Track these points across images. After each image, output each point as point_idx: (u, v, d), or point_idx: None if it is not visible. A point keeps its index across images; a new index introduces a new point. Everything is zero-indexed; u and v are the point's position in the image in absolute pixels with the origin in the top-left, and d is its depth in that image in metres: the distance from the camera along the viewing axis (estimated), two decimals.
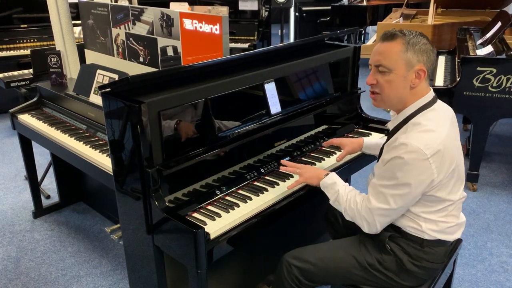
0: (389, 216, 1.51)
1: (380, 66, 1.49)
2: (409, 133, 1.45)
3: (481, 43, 3.55)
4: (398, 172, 1.42)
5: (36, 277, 2.47)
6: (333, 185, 1.65)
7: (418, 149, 1.38)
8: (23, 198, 3.26)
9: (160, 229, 1.58)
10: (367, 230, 1.55)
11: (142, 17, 2.53)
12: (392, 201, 1.46)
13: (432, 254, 1.57)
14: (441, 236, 1.56)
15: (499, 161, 3.79)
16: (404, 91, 1.50)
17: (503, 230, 2.83)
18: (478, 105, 3.02)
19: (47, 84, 2.77)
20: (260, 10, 5.30)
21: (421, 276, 1.59)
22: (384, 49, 1.48)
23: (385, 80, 1.49)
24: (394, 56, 1.46)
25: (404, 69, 1.46)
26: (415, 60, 1.45)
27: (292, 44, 2.44)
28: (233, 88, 1.81)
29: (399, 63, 1.46)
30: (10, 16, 4.62)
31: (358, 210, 1.55)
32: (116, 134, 1.60)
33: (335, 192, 1.63)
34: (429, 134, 1.42)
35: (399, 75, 1.47)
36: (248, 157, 1.85)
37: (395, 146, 1.44)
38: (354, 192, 1.61)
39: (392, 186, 1.45)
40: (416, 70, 1.46)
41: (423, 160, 1.39)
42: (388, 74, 1.48)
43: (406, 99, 1.52)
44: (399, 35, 1.46)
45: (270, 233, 2.20)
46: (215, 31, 2.15)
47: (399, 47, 1.45)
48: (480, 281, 2.39)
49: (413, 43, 1.45)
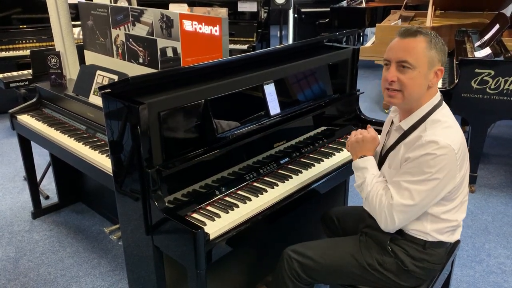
0: (410, 214, 1.49)
1: (405, 62, 1.45)
2: (433, 130, 1.46)
3: (479, 45, 3.56)
4: (426, 168, 1.41)
5: (35, 277, 2.47)
6: (363, 170, 1.62)
7: (447, 145, 1.40)
8: (22, 199, 3.26)
9: (160, 230, 1.58)
10: (384, 226, 1.52)
11: (141, 18, 2.53)
12: (417, 197, 1.44)
13: (433, 255, 1.58)
14: (443, 237, 1.58)
15: (497, 163, 3.80)
16: (423, 89, 1.50)
17: (501, 232, 2.84)
18: (476, 107, 3.03)
19: (47, 85, 2.77)
20: (259, 12, 5.31)
21: (420, 277, 1.60)
22: (409, 45, 1.45)
23: (408, 77, 1.46)
24: (419, 54, 1.45)
25: (427, 68, 1.46)
26: (437, 60, 1.47)
27: (291, 46, 2.45)
28: (233, 89, 1.81)
29: (423, 61, 1.45)
30: (10, 16, 4.62)
31: (380, 204, 1.52)
32: (116, 135, 1.61)
33: (362, 178, 1.61)
34: (451, 129, 1.46)
35: (422, 73, 1.46)
36: (247, 158, 1.85)
37: (422, 145, 1.43)
38: (381, 184, 1.57)
39: (420, 182, 1.44)
40: (436, 70, 1.48)
41: (452, 156, 1.41)
42: (412, 72, 1.46)
43: (423, 98, 1.52)
44: (422, 32, 1.46)
45: (269, 234, 2.20)
46: (215, 33, 2.15)
47: (423, 44, 1.45)
48: (478, 282, 2.40)
49: (435, 42, 1.46)
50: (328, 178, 1.95)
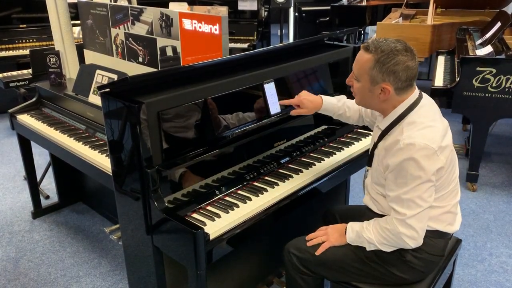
0: (424, 217, 1.49)
1: (353, 72, 1.56)
2: (409, 132, 1.46)
3: (480, 43, 3.55)
4: (415, 172, 1.43)
5: (35, 277, 2.46)
6: (359, 235, 1.60)
7: (426, 146, 1.42)
8: (22, 199, 3.26)
9: (160, 230, 1.57)
10: (413, 244, 1.50)
11: (141, 17, 2.52)
12: (421, 202, 1.46)
13: (432, 246, 1.58)
14: (440, 226, 1.58)
15: (499, 161, 3.79)
16: (373, 101, 1.55)
17: (503, 231, 2.83)
18: (477, 105, 3.02)
19: (46, 84, 2.77)
20: (259, 10, 5.30)
21: (420, 269, 1.60)
22: (358, 58, 1.54)
23: (356, 87, 1.56)
24: (361, 69, 1.51)
25: (369, 84, 1.51)
26: (380, 79, 1.48)
27: (292, 44, 2.44)
28: (233, 89, 1.80)
29: (365, 77, 1.51)
30: (9, 16, 4.61)
31: (393, 232, 1.50)
32: (116, 135, 1.60)
33: (364, 239, 1.58)
34: (429, 129, 1.47)
35: (365, 87, 1.52)
36: (247, 157, 1.84)
37: (400, 148, 1.44)
38: (375, 222, 1.57)
39: (416, 188, 1.45)
40: (381, 87, 1.49)
41: (432, 154, 1.43)
42: (358, 82, 1.55)
43: (383, 108, 1.56)
44: (372, 51, 1.47)
45: (270, 233, 2.20)
46: (215, 31, 2.14)
47: (368, 63, 1.48)
48: (480, 281, 2.39)
49: (382, 62, 1.45)
50: (329, 177, 1.94)
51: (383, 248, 1.55)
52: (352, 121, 1.94)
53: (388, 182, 1.52)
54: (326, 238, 1.68)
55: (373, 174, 1.65)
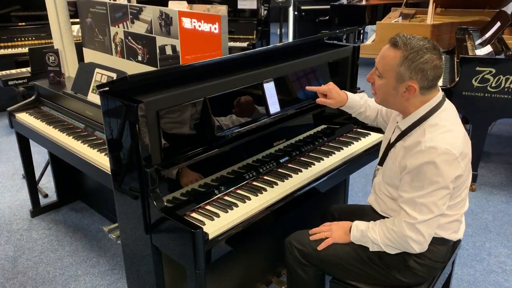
0: (433, 224, 1.48)
1: (377, 69, 1.52)
2: (431, 135, 1.44)
3: (480, 43, 3.55)
4: (434, 177, 1.40)
5: (34, 276, 2.46)
6: (363, 234, 1.58)
7: (447, 151, 1.40)
8: (20, 197, 3.25)
9: (158, 229, 1.57)
10: (418, 249, 1.49)
11: (140, 15, 2.52)
12: (435, 208, 1.44)
13: (435, 253, 1.58)
14: (445, 234, 1.57)
15: (498, 161, 3.79)
16: (396, 99, 1.51)
17: (502, 230, 2.83)
18: (477, 105, 3.02)
19: (45, 83, 2.76)
20: (259, 9, 5.29)
21: (421, 274, 1.59)
22: (384, 54, 1.49)
23: (378, 84, 1.53)
24: (388, 66, 1.47)
25: (395, 81, 1.47)
26: (407, 76, 1.44)
27: (291, 44, 2.43)
28: (232, 88, 1.80)
29: (391, 73, 1.47)
30: (8, 14, 4.60)
31: (399, 234, 1.48)
32: (114, 133, 1.60)
33: (368, 239, 1.57)
34: (451, 134, 1.44)
35: (390, 84, 1.49)
36: (247, 156, 1.84)
37: (421, 151, 1.42)
38: (381, 223, 1.56)
39: (432, 193, 1.43)
40: (407, 85, 1.46)
41: (453, 160, 1.41)
42: (381, 79, 1.51)
43: (405, 107, 1.52)
44: (402, 47, 1.44)
45: (269, 233, 2.19)
46: (214, 30, 2.14)
47: (396, 60, 1.45)
48: (479, 281, 2.39)
49: (411, 59, 1.43)
50: (329, 177, 1.94)
51: (387, 249, 1.54)
52: (369, 120, 1.93)
53: (403, 183, 1.49)
54: (329, 234, 1.67)
55: (385, 174, 1.63)
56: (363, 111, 1.89)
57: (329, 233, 1.68)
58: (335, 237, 1.66)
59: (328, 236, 1.67)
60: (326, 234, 1.68)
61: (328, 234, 1.68)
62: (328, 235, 1.67)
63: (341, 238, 1.65)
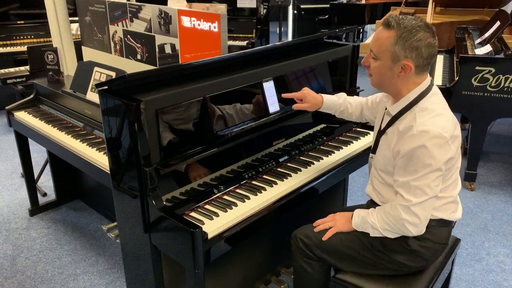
0: (428, 206, 1.50)
1: (371, 51, 1.53)
2: (422, 119, 1.46)
3: (479, 43, 3.55)
4: (426, 160, 1.43)
5: (32, 275, 2.45)
6: (364, 220, 1.61)
7: (439, 134, 1.42)
8: (19, 196, 3.25)
9: (157, 228, 1.57)
10: (415, 231, 1.51)
11: (140, 14, 2.51)
12: (428, 190, 1.46)
13: (436, 235, 1.59)
14: (443, 215, 1.59)
15: (497, 161, 3.79)
16: (392, 80, 1.52)
17: (501, 230, 2.83)
18: (476, 104, 3.02)
19: (44, 81, 2.75)
20: (258, 8, 5.28)
21: (425, 257, 1.60)
22: (378, 35, 1.51)
23: (373, 66, 1.53)
24: (382, 46, 1.48)
25: (390, 61, 1.48)
26: (402, 55, 1.46)
27: (291, 43, 2.42)
28: (232, 87, 1.80)
29: (386, 54, 1.48)
30: (7, 12, 4.59)
31: (395, 218, 1.51)
32: (113, 132, 1.59)
33: (368, 224, 1.59)
34: (441, 117, 1.47)
35: (385, 65, 1.50)
36: (246, 156, 1.84)
37: (413, 135, 1.44)
38: (380, 208, 1.59)
39: (425, 176, 1.45)
40: (402, 64, 1.47)
41: (444, 143, 1.43)
42: (376, 61, 1.52)
43: (399, 89, 1.54)
44: (394, 26, 1.45)
45: (268, 232, 2.19)
46: (214, 29, 2.13)
47: (390, 39, 1.46)
48: (478, 280, 2.39)
49: (405, 38, 1.44)
50: (328, 176, 1.93)
51: (385, 233, 1.56)
52: (355, 118, 1.94)
53: (397, 168, 1.52)
54: (333, 223, 1.71)
55: (378, 161, 1.65)
56: (344, 110, 1.91)
57: (332, 223, 1.71)
58: (339, 225, 1.69)
59: (332, 226, 1.70)
60: (330, 224, 1.71)
61: (331, 223, 1.71)
62: (331, 224, 1.71)
63: (344, 226, 1.68)
